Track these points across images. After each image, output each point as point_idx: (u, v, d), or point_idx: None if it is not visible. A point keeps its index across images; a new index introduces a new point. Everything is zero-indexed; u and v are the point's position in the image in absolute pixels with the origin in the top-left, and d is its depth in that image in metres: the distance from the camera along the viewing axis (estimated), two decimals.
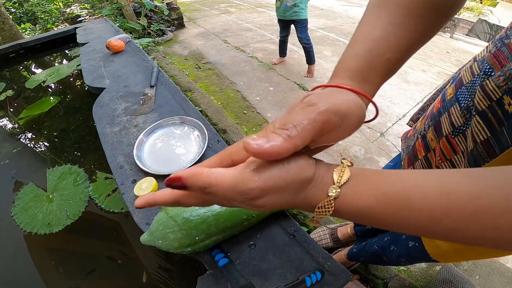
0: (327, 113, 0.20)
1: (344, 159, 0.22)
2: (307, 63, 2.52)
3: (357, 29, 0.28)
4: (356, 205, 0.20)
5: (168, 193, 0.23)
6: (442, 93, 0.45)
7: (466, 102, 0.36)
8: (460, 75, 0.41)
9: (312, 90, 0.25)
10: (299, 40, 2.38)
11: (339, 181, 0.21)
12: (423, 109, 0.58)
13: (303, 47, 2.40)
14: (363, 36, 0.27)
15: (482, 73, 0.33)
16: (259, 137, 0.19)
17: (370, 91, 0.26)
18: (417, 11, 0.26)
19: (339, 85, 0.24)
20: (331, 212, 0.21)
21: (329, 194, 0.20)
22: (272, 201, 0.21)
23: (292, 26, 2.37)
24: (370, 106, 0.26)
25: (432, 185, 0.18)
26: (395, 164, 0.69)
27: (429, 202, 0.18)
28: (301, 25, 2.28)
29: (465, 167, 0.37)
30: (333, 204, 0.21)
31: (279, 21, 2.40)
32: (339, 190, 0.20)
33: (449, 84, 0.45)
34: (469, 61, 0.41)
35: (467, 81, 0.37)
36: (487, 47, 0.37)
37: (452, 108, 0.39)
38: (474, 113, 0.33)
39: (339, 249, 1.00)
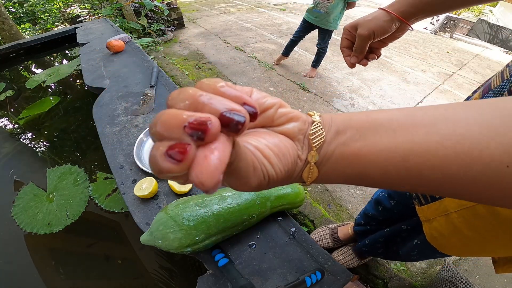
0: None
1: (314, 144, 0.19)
2: (312, 65, 2.48)
3: None
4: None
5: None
6: (466, 99, 0.45)
7: None
8: (489, 81, 0.40)
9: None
10: (317, 44, 2.31)
11: (309, 178, 0.20)
12: None
13: (318, 50, 2.34)
14: None
15: None
16: None
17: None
18: None
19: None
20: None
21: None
22: None
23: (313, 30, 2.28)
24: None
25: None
26: None
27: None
28: (326, 34, 2.22)
29: None
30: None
31: (304, 21, 2.26)
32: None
33: (476, 91, 0.44)
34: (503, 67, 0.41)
35: (495, 86, 0.36)
36: None
37: None
38: None
39: (339, 250, 1.00)
